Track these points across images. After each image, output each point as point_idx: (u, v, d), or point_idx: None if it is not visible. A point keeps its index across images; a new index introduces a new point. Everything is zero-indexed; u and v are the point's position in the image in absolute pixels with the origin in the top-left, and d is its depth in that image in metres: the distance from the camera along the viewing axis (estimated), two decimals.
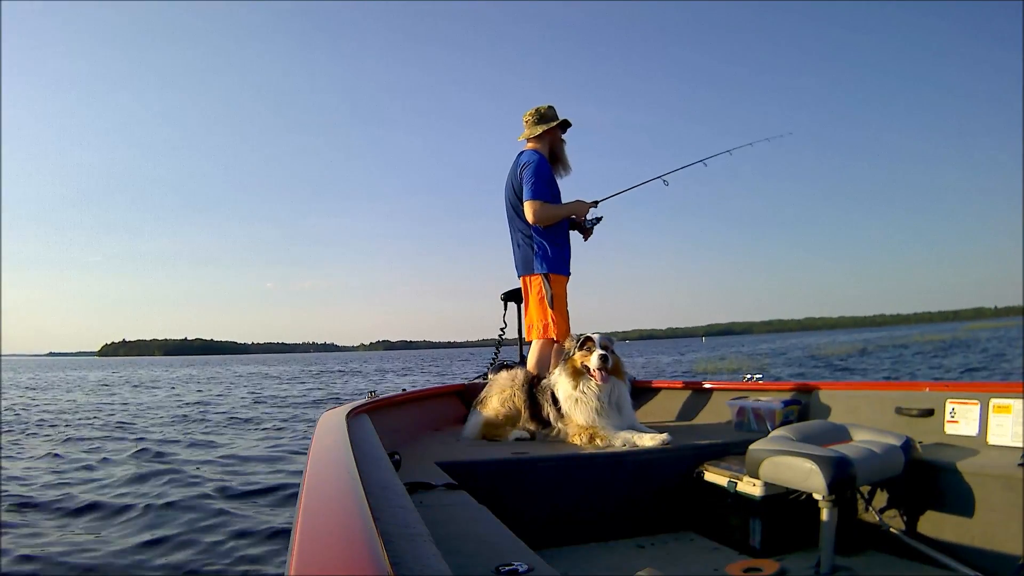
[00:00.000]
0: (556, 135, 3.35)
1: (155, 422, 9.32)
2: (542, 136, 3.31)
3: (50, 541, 3.42)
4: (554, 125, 3.30)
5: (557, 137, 3.35)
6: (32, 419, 10.05)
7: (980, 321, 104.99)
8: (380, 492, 1.16)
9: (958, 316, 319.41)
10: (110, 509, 4.07)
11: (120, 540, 3.42)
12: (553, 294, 3.19)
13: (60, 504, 4.19)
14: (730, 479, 2.16)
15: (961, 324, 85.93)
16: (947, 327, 71.42)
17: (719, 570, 1.95)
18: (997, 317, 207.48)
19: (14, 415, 10.76)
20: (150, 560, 3.12)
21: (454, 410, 3.35)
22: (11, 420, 9.92)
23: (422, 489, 1.68)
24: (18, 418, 10.28)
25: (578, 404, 2.53)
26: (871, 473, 1.88)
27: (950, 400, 2.17)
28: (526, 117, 3.35)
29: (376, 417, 2.24)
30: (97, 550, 3.24)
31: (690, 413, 3.19)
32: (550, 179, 3.26)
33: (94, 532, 3.61)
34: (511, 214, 3.34)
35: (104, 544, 3.35)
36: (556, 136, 3.35)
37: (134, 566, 3.05)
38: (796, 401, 2.63)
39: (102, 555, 3.18)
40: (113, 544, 3.35)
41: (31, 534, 3.53)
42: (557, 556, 2.04)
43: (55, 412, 11.35)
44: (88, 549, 3.26)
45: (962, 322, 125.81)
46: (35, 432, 8.43)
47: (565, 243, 3.33)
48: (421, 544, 0.91)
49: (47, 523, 3.81)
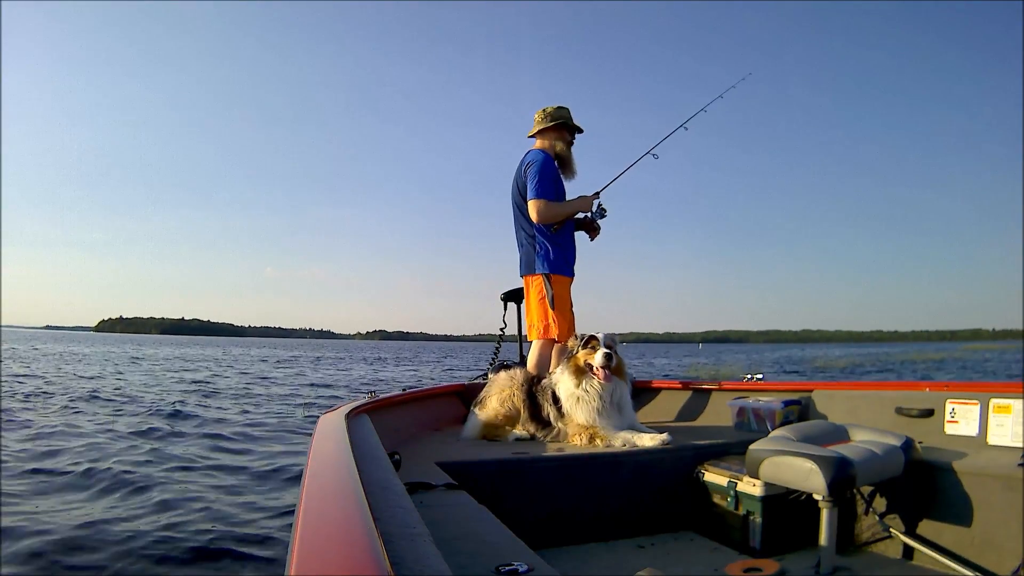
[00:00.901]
0: (563, 136, 3.32)
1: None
2: (549, 135, 3.30)
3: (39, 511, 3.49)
4: (560, 125, 3.28)
5: (564, 138, 3.32)
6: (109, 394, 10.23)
7: (977, 342, 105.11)
8: (380, 492, 1.16)
9: (955, 336, 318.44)
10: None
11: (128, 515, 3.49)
12: (554, 294, 3.18)
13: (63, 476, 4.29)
14: (730, 479, 2.16)
15: (958, 344, 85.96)
16: (944, 346, 71.40)
17: (719, 570, 1.95)
18: (994, 339, 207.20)
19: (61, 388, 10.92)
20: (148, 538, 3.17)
21: (454, 410, 3.34)
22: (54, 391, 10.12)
23: (422, 489, 1.68)
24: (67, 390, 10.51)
25: (580, 402, 2.52)
26: (871, 473, 1.88)
27: (950, 400, 2.17)
28: (536, 115, 3.34)
29: (376, 417, 2.23)
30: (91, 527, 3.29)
31: (690, 413, 3.19)
32: (555, 178, 3.23)
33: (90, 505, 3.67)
34: (516, 213, 3.33)
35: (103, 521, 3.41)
36: (563, 137, 3.32)
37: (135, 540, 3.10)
38: (796, 401, 2.63)
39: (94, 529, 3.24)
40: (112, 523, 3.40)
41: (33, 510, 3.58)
42: (557, 556, 2.03)
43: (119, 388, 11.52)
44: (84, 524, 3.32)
45: (959, 342, 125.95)
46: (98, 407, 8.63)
47: (569, 245, 3.31)
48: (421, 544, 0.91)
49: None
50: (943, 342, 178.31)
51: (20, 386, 11.06)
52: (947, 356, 34.61)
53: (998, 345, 68.14)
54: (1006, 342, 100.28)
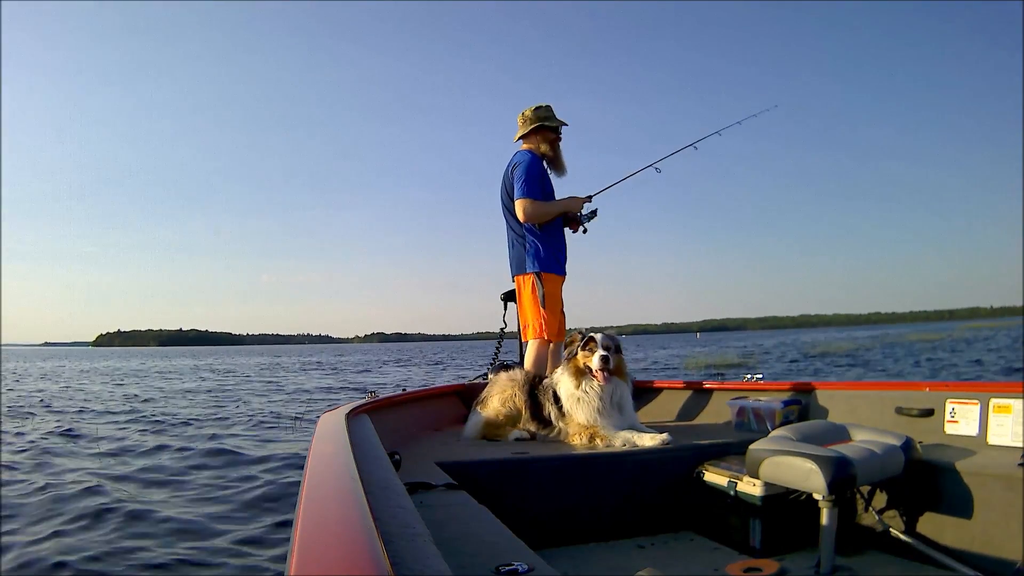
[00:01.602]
0: (546, 135, 3.31)
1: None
2: (534, 135, 3.31)
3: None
4: (545, 124, 3.28)
5: (547, 137, 3.31)
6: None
7: (976, 321, 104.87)
8: (380, 492, 1.16)
9: (953, 315, 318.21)
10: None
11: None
12: (545, 293, 3.19)
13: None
14: (730, 479, 2.16)
15: (957, 324, 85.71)
16: (942, 326, 71.29)
17: (719, 570, 1.95)
18: (993, 317, 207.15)
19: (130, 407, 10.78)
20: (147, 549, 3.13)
21: (454, 410, 3.34)
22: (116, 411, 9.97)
23: (422, 489, 1.68)
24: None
25: (580, 403, 2.53)
26: (871, 473, 1.88)
27: (950, 400, 2.17)
28: (518, 119, 3.35)
29: (376, 417, 2.24)
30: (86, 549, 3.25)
31: (690, 413, 3.19)
32: (541, 177, 3.24)
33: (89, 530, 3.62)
34: (505, 214, 3.35)
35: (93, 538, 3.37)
36: (546, 137, 3.31)
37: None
38: (796, 401, 2.64)
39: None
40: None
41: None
42: (557, 556, 2.03)
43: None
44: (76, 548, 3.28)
45: (958, 321, 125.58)
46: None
47: (559, 242, 3.31)
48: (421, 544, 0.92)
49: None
50: (941, 322, 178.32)
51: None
52: (947, 336, 34.53)
53: (997, 323, 68.06)
54: (1004, 319, 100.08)
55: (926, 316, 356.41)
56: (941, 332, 42.27)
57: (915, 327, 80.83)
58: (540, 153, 3.29)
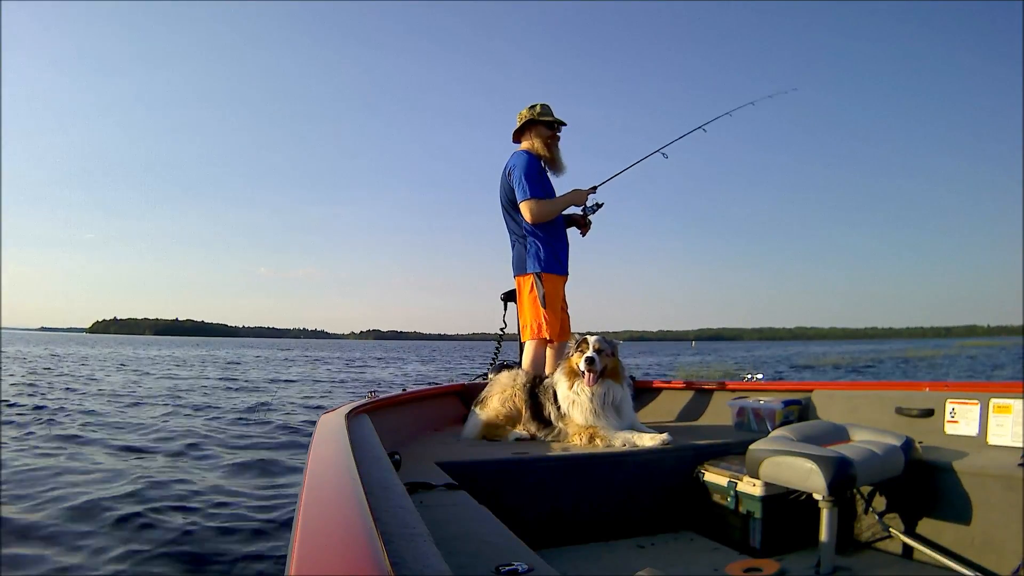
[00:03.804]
0: (543, 131, 3.29)
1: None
2: (528, 136, 3.30)
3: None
4: (539, 120, 3.27)
5: (542, 135, 3.30)
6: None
7: (973, 339, 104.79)
8: (380, 492, 1.16)
9: (951, 333, 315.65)
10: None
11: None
12: (545, 293, 3.18)
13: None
14: (730, 479, 2.16)
15: (954, 341, 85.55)
16: (940, 343, 71.29)
17: (719, 570, 1.95)
18: (990, 335, 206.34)
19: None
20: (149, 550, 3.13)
21: (454, 410, 3.34)
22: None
23: (422, 489, 1.68)
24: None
25: (574, 405, 2.54)
26: (871, 473, 1.88)
27: (950, 400, 2.17)
28: (518, 117, 3.34)
29: (376, 417, 2.23)
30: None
31: (690, 413, 3.19)
32: (539, 176, 3.22)
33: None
34: (505, 216, 3.35)
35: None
36: (541, 134, 3.29)
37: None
38: (796, 401, 2.64)
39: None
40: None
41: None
42: (557, 556, 2.03)
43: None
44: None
45: (955, 339, 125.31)
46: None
47: (560, 243, 3.31)
48: (421, 544, 0.91)
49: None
50: (938, 338, 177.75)
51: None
52: (943, 354, 34.50)
53: (995, 342, 67.91)
54: (1002, 338, 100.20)
55: (923, 332, 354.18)
56: (938, 349, 42.09)
57: (912, 343, 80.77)
58: (535, 152, 3.28)
